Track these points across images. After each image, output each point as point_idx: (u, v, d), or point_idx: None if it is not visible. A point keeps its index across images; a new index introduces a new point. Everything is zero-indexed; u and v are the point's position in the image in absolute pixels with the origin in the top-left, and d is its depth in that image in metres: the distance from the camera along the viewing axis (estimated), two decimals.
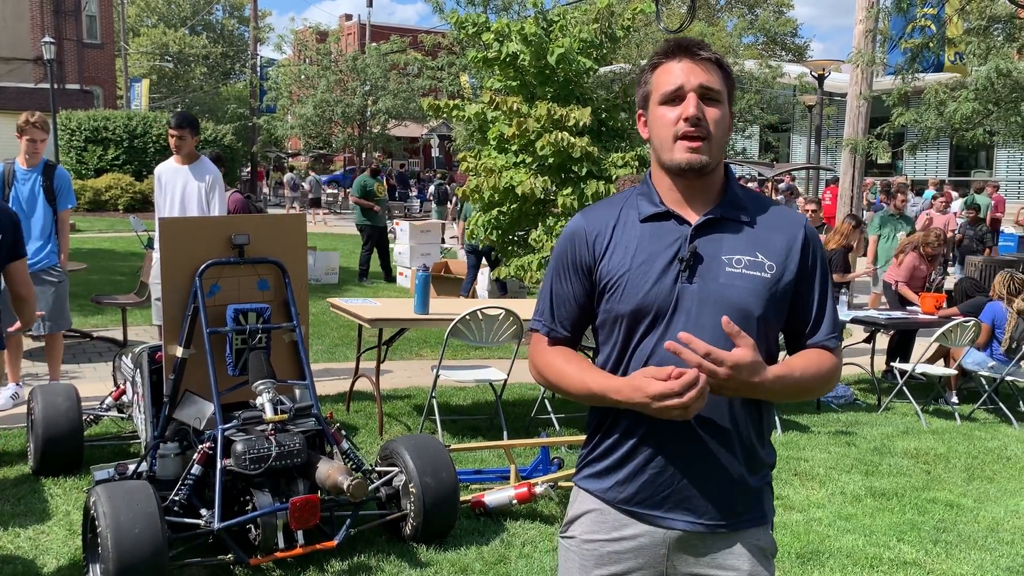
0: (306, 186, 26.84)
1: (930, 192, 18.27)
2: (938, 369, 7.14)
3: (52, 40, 19.99)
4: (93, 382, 6.36)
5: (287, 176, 27.92)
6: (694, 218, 1.73)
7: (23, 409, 5.23)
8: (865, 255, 10.37)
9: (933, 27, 10.49)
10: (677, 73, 1.70)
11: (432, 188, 24.27)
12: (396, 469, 3.90)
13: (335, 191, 32.71)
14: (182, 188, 5.91)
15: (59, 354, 5.98)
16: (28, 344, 7.10)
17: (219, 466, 3.48)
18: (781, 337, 1.85)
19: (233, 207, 8.05)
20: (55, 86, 20.27)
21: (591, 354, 1.97)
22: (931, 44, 10.38)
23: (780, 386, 1.65)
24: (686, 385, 1.54)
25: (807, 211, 9.74)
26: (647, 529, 1.74)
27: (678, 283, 1.68)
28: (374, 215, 12.73)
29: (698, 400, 1.55)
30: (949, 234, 12.93)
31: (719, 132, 1.70)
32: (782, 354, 1.83)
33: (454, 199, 21.96)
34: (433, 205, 23.55)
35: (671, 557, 1.74)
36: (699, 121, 1.67)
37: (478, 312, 5.37)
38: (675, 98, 1.70)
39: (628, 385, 1.63)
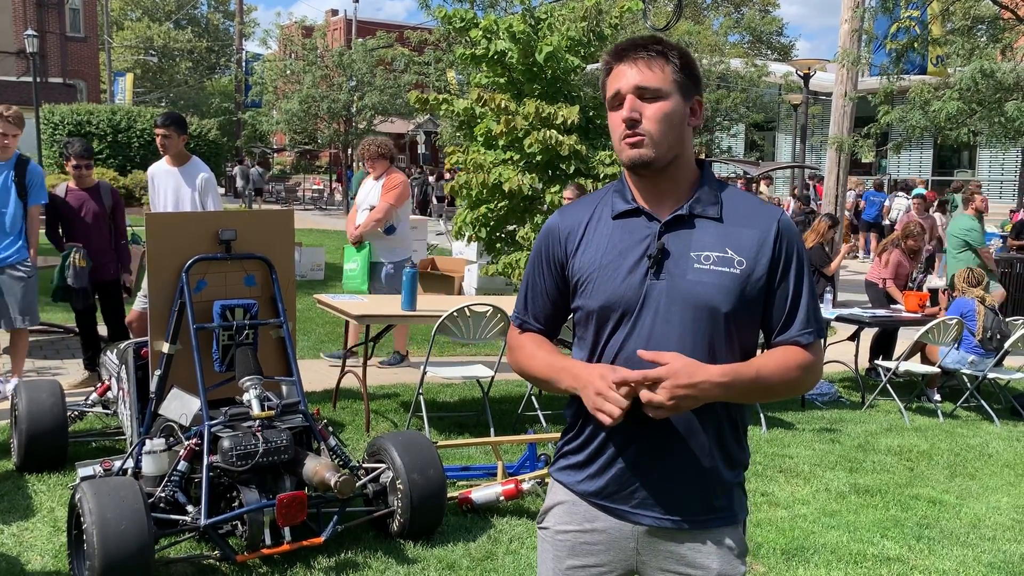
0: (242, 178, 26.71)
1: (920, 190, 18.43)
2: (921, 367, 7.20)
3: (35, 33, 19.82)
4: (77, 377, 6.32)
5: (237, 168, 27.85)
6: (664, 215, 1.74)
7: (6, 404, 5.19)
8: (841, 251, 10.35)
9: (918, 29, 10.54)
10: (616, 77, 1.74)
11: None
12: (383, 466, 3.90)
13: (320, 187, 32.58)
14: (175, 191, 5.85)
15: (24, 350, 5.92)
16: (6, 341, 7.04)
17: (206, 462, 3.47)
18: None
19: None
20: (38, 79, 20.11)
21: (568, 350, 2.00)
22: (916, 45, 10.44)
23: (737, 383, 1.65)
24: (616, 402, 1.62)
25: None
26: (615, 523, 1.76)
27: (646, 280, 1.70)
28: None
29: (616, 417, 1.63)
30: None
31: (660, 127, 1.70)
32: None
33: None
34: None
35: (640, 551, 1.76)
36: (635, 122, 1.70)
37: (465, 309, 5.37)
38: (617, 102, 1.74)
39: (587, 370, 1.70)
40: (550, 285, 1.84)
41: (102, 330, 6.49)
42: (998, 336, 6.92)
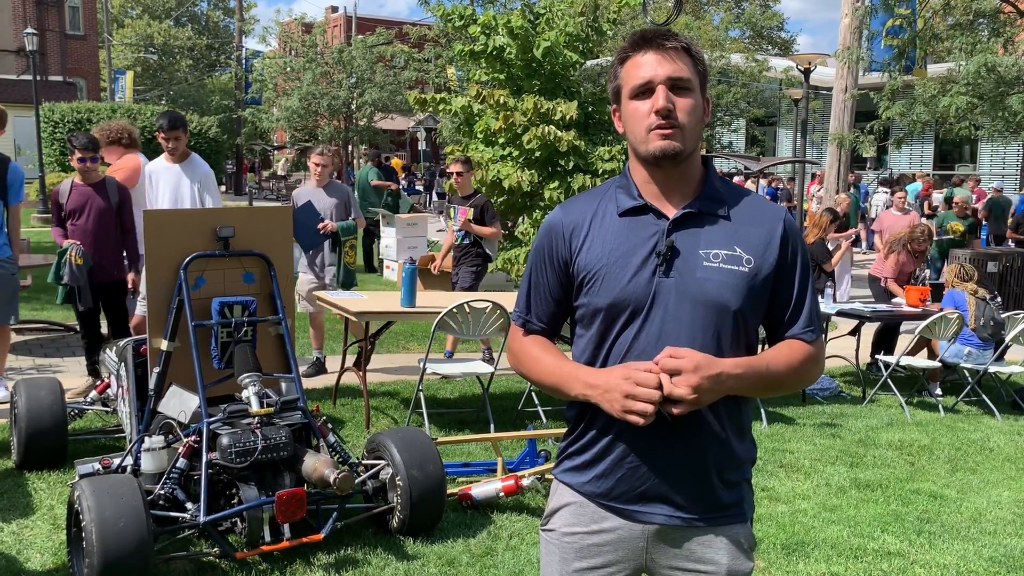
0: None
1: (918, 184, 18.39)
2: (921, 361, 7.20)
3: (34, 31, 19.74)
4: (77, 376, 6.31)
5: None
6: (672, 212, 1.73)
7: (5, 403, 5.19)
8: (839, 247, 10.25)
9: (909, 27, 10.52)
10: (645, 66, 1.70)
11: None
12: (383, 462, 3.90)
13: None
14: (174, 188, 5.81)
15: (5, 348, 5.89)
16: (12, 337, 7.04)
17: (204, 459, 3.47)
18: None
19: None
20: (38, 78, 20.06)
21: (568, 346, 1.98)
22: (915, 41, 10.42)
23: (750, 374, 1.66)
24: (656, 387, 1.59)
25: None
26: (624, 523, 1.75)
27: (655, 277, 1.69)
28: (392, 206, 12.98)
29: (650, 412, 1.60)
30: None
31: (691, 121, 1.70)
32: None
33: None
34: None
35: (650, 550, 1.75)
36: (670, 113, 1.68)
37: (465, 305, 5.36)
38: (645, 91, 1.70)
39: (604, 376, 1.66)
40: (553, 283, 1.81)
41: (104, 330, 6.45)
42: (992, 323, 6.92)
